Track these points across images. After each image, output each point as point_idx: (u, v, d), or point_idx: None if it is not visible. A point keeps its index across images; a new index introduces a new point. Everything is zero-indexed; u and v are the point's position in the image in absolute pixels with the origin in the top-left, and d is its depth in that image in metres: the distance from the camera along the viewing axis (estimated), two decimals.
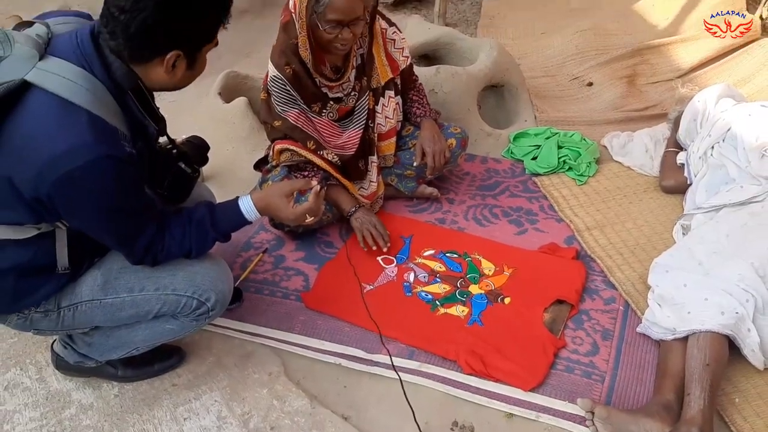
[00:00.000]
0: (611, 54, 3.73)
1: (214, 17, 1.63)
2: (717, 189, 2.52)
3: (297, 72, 2.34)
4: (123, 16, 1.51)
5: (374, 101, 2.54)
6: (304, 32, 2.25)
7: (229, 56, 3.93)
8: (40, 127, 1.49)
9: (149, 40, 1.56)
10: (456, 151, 2.67)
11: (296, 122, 2.40)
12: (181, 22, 1.56)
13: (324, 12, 2.18)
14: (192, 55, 1.64)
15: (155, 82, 1.67)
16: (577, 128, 3.19)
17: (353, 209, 2.50)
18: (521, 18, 4.37)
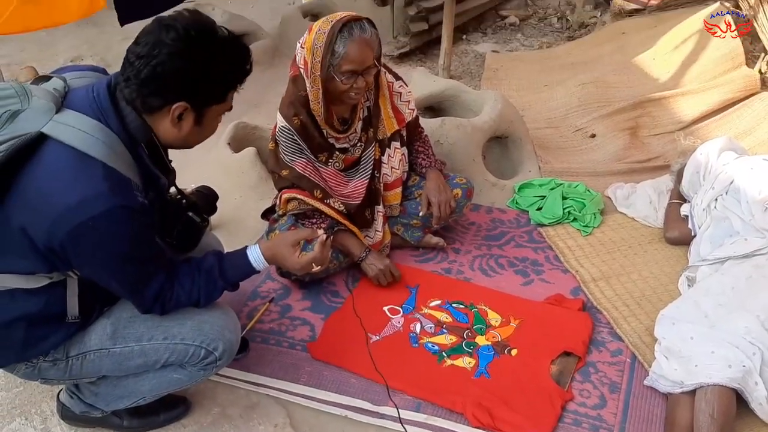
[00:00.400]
0: (613, 106, 3.79)
1: (226, 78, 1.68)
2: (721, 241, 2.54)
3: (305, 123, 2.40)
4: (138, 62, 1.57)
5: (380, 152, 2.58)
6: (317, 86, 2.31)
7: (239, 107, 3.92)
8: (55, 178, 1.53)
9: (158, 88, 1.60)
10: (461, 201, 2.70)
11: (303, 171, 2.43)
12: (191, 75, 1.60)
13: (339, 64, 2.25)
14: (200, 111, 1.68)
15: (164, 135, 1.71)
16: (581, 179, 3.22)
17: (364, 254, 2.53)
18: (524, 71, 4.45)
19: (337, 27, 2.23)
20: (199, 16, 1.63)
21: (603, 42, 4.58)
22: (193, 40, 1.57)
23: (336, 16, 2.27)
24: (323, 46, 2.25)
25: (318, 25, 2.29)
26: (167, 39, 1.55)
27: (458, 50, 4.88)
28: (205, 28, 1.61)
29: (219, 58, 1.62)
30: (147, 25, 1.61)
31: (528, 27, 5.33)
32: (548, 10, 5.55)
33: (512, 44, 5.07)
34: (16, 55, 4.42)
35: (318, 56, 2.26)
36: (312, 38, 2.27)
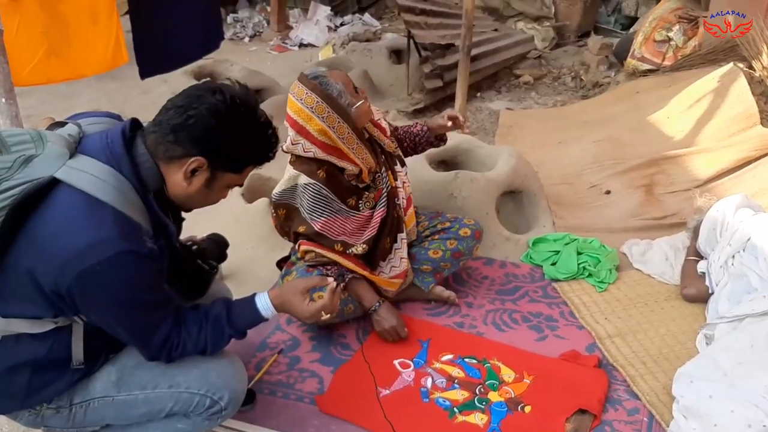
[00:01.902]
0: (628, 163, 3.79)
1: (251, 154, 1.71)
2: (739, 298, 2.49)
3: (330, 172, 2.38)
4: (174, 110, 1.62)
5: (393, 177, 2.58)
6: (352, 143, 2.35)
7: None
8: (65, 221, 1.53)
9: (185, 137, 1.62)
10: (471, 242, 2.69)
11: (322, 230, 2.41)
12: (220, 135, 1.63)
13: (351, 96, 2.31)
14: (214, 173, 1.69)
15: (172, 188, 1.71)
16: (596, 235, 3.19)
17: (376, 305, 2.49)
18: (538, 128, 4.48)
19: (315, 86, 2.26)
20: (247, 91, 1.71)
21: (617, 100, 4.61)
22: (234, 107, 1.62)
23: (300, 92, 2.28)
24: (329, 110, 2.27)
25: (301, 113, 2.28)
26: (211, 98, 1.61)
27: (472, 107, 4.94)
28: (249, 103, 1.68)
29: (252, 133, 1.67)
30: (196, 83, 1.65)
31: (542, 86, 5.39)
32: (562, 70, 5.62)
33: (526, 102, 5.12)
34: (37, 106, 4.52)
35: (335, 121, 2.28)
36: (315, 122, 2.28)
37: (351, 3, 6.96)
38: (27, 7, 3.28)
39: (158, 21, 4.02)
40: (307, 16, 6.64)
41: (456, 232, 2.71)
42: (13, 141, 1.63)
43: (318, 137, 2.30)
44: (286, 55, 6.20)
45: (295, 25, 6.59)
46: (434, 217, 2.79)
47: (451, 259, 2.70)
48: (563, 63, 5.74)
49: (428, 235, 2.73)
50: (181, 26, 4.20)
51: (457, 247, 2.69)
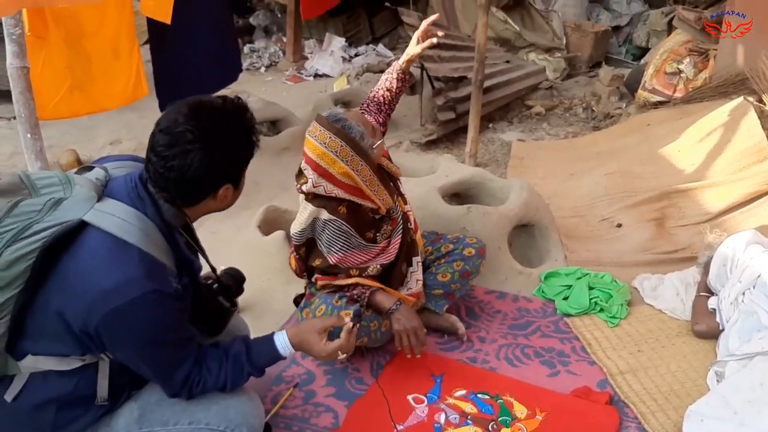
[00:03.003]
0: (640, 196, 3.82)
1: (248, 141, 1.78)
2: (749, 336, 2.51)
3: (350, 207, 2.41)
4: (172, 174, 1.65)
5: (403, 201, 2.64)
6: (374, 185, 2.38)
7: (270, 191, 4.10)
8: (93, 263, 1.60)
9: (200, 189, 1.71)
10: (476, 260, 2.74)
11: (337, 263, 2.45)
12: (225, 164, 1.70)
13: (371, 139, 2.35)
14: (238, 180, 1.80)
15: (205, 212, 1.80)
16: (608, 269, 3.22)
17: (395, 306, 2.47)
18: (549, 159, 4.52)
19: (337, 129, 2.28)
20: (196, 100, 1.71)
21: (628, 133, 4.66)
22: (205, 134, 1.64)
23: (323, 136, 2.29)
24: (352, 153, 2.30)
25: (325, 157, 2.29)
26: (185, 144, 1.63)
27: (485, 138, 5.00)
28: (210, 112, 1.68)
29: (233, 131, 1.71)
30: (159, 131, 1.67)
31: (554, 117, 5.45)
32: (574, 101, 5.68)
33: (538, 133, 5.18)
34: (59, 137, 4.62)
35: (358, 164, 2.31)
36: (340, 165, 2.29)
37: (365, 34, 7.07)
38: (52, 44, 3.39)
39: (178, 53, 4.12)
40: (322, 47, 6.75)
41: (461, 253, 2.75)
42: (42, 184, 1.71)
43: (342, 179, 2.33)
44: (301, 85, 6.30)
45: (310, 56, 6.71)
46: (436, 240, 2.83)
47: (460, 279, 2.74)
48: (575, 94, 5.80)
49: (434, 260, 2.77)
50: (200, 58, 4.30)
51: (464, 267, 2.73)
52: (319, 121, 2.33)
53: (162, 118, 1.69)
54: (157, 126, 1.68)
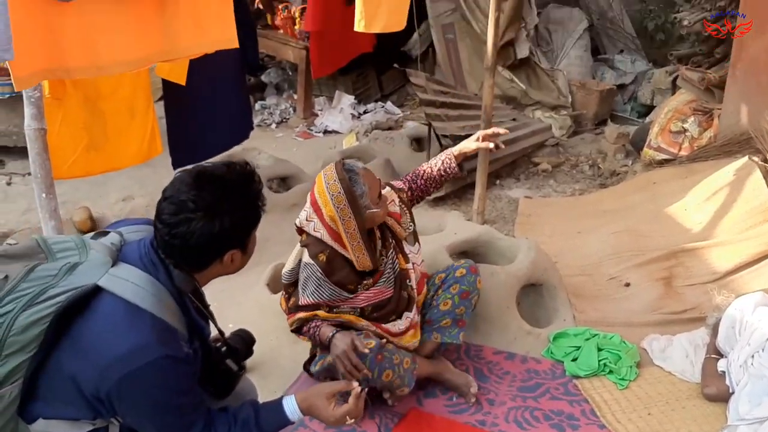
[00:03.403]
0: (647, 255, 3.84)
1: (253, 208, 1.82)
2: (760, 400, 2.49)
3: (330, 257, 2.52)
4: (176, 241, 1.70)
5: (405, 260, 2.68)
6: (357, 240, 2.45)
7: (278, 247, 4.12)
8: (106, 329, 1.63)
9: (205, 255, 1.75)
10: (470, 278, 2.80)
11: (305, 305, 2.57)
12: (228, 231, 1.74)
13: (370, 198, 2.45)
14: (245, 245, 1.82)
15: (214, 276, 1.83)
16: (617, 329, 3.22)
17: (331, 334, 2.50)
18: (557, 217, 4.55)
19: (345, 178, 2.42)
20: (199, 169, 1.77)
21: (635, 191, 4.69)
22: (207, 203, 1.70)
23: (330, 177, 2.44)
24: (346, 203, 2.41)
25: (322, 196, 2.44)
26: (188, 213, 1.69)
27: (492, 195, 5.04)
28: (212, 181, 1.74)
29: (237, 199, 1.75)
30: (164, 199, 1.73)
31: (560, 173, 5.50)
32: (580, 158, 5.73)
33: (545, 190, 5.22)
34: (71, 193, 4.69)
35: (347, 214, 2.42)
36: (330, 208, 2.42)
37: (374, 91, 7.19)
38: (70, 105, 3.48)
39: (191, 111, 4.22)
40: (331, 104, 6.86)
41: (453, 276, 2.82)
42: (59, 248, 1.75)
43: (328, 222, 2.45)
44: (311, 141, 6.40)
45: (320, 113, 6.82)
46: (429, 278, 2.88)
47: (462, 301, 2.78)
48: (581, 151, 5.86)
49: (432, 295, 2.83)
50: (213, 116, 4.40)
51: (461, 288, 2.78)
52: (335, 164, 2.48)
53: (167, 187, 1.75)
54: (162, 194, 1.74)
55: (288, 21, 6.55)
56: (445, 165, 2.81)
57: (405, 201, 2.79)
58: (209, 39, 2.43)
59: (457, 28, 6.64)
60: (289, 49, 6.66)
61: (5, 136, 5.29)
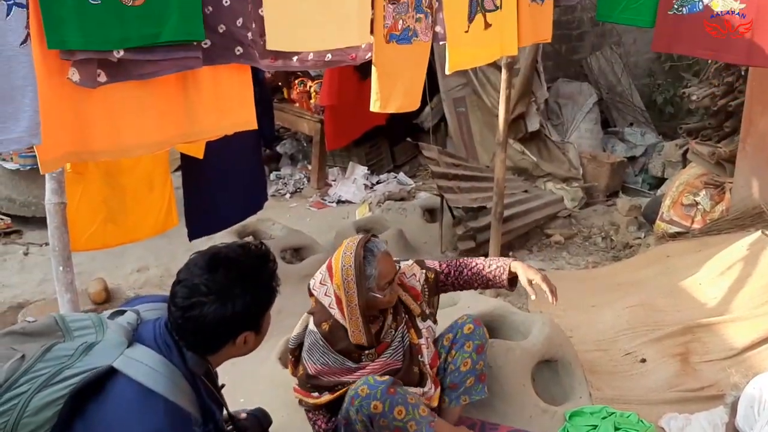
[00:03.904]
0: (663, 330, 3.80)
1: (266, 290, 1.82)
2: None
3: (333, 327, 2.57)
4: (189, 324, 1.73)
5: (417, 335, 2.68)
6: (356, 315, 2.49)
7: (291, 320, 4.07)
8: (119, 413, 1.64)
9: (217, 339, 1.77)
10: (479, 331, 2.82)
11: (315, 374, 2.59)
12: (240, 314, 1.75)
13: (377, 283, 2.47)
14: (258, 326, 1.83)
15: (227, 358, 1.83)
16: (634, 408, 3.16)
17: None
18: (571, 290, 4.53)
19: (360, 254, 2.46)
20: (213, 252, 1.80)
21: (648, 264, 4.68)
22: (219, 286, 1.73)
23: (350, 247, 2.50)
24: (353, 278, 2.44)
25: (338, 263, 2.48)
26: (200, 296, 1.72)
27: None
28: (225, 263, 1.77)
29: (249, 282, 1.78)
30: (177, 282, 1.76)
31: (573, 245, 5.51)
32: (592, 230, 5.75)
33: (558, 262, 5.22)
34: (87, 264, 4.73)
35: (351, 289, 2.45)
36: (339, 278, 2.46)
37: (387, 162, 7.30)
38: (90, 179, 3.55)
39: (208, 184, 4.28)
40: (345, 175, 6.96)
41: (463, 334, 2.80)
42: (76, 326, 1.77)
43: (335, 290, 2.50)
44: (324, 211, 6.46)
45: (333, 183, 6.91)
46: (435, 341, 2.85)
47: (479, 356, 2.80)
48: (593, 222, 5.88)
49: (445, 358, 2.81)
50: (229, 189, 4.46)
51: (475, 344, 2.79)
52: (361, 239, 2.54)
53: (181, 269, 1.78)
54: (176, 277, 1.77)
55: (304, 95, 6.72)
56: (498, 272, 2.75)
57: (431, 282, 2.78)
58: (229, 121, 2.50)
59: (468, 102, 6.79)
60: (304, 121, 6.81)
61: (24, 206, 5.39)
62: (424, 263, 2.82)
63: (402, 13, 2.86)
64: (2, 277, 4.78)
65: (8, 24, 1.78)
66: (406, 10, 2.87)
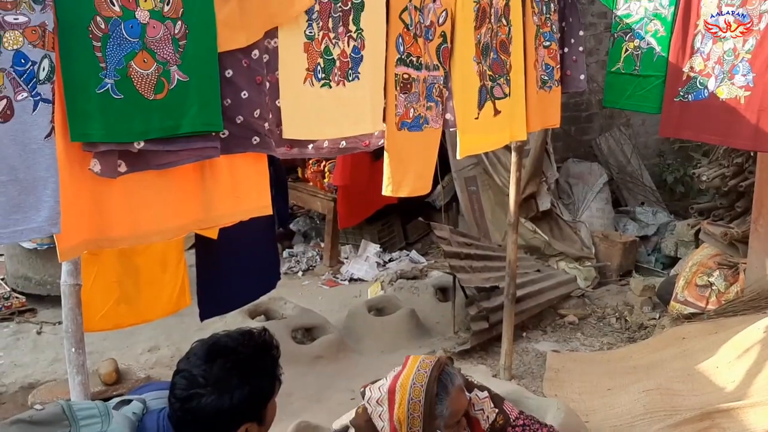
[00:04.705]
0: (681, 416, 3.71)
1: (268, 380, 1.80)
2: None
3: None
4: (188, 416, 1.71)
5: None
6: None
7: (301, 402, 4.08)
8: None
9: (217, 430, 1.73)
10: None
11: None
12: (239, 406, 1.73)
13: (446, 423, 2.31)
14: (260, 417, 1.79)
15: None
16: None
17: None
18: (586, 373, 4.47)
19: (433, 391, 2.28)
20: (212, 341, 1.79)
21: (664, 346, 4.62)
22: (217, 378, 1.70)
23: (421, 378, 2.30)
24: (420, 416, 2.28)
25: (405, 393, 2.29)
26: (198, 388, 1.70)
27: (519, 348, 4.98)
28: (224, 354, 1.74)
29: (249, 372, 1.75)
30: (177, 372, 1.76)
31: (587, 326, 5.45)
32: (606, 310, 5.70)
33: (572, 343, 5.16)
34: (98, 343, 4.73)
35: (417, 426, 2.29)
36: (403, 411, 2.29)
37: (399, 239, 7.34)
38: (105, 260, 3.59)
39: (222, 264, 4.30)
40: (357, 252, 7.00)
41: None
42: (83, 415, 1.77)
43: (395, 420, 2.33)
44: (336, 289, 6.46)
45: (346, 261, 6.93)
46: None
47: None
48: (607, 302, 5.83)
49: None
50: (243, 269, 4.48)
51: None
52: (435, 367, 2.34)
53: (182, 359, 1.78)
54: (177, 367, 1.76)
55: (318, 175, 6.85)
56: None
57: (497, 429, 2.58)
58: (244, 207, 2.54)
59: (480, 181, 6.87)
60: (318, 200, 6.91)
61: (40, 285, 5.44)
62: (500, 401, 2.65)
63: (413, 102, 2.95)
64: (15, 357, 4.78)
65: (34, 118, 1.85)
66: (417, 99, 2.96)
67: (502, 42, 3.32)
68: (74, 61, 1.94)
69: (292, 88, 2.53)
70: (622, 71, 3.84)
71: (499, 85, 3.35)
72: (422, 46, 2.95)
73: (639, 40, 3.72)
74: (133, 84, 2.04)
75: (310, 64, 2.57)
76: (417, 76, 2.95)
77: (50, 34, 1.86)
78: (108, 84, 1.99)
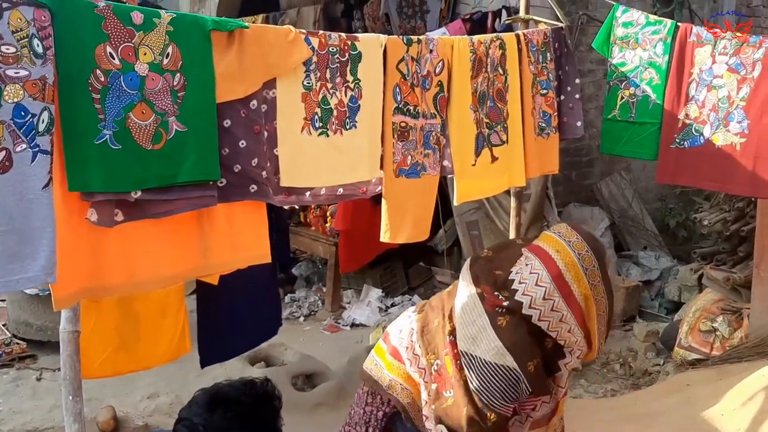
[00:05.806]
0: None
1: (268, 431, 1.80)
2: None
3: (538, 367, 2.21)
4: None
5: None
6: (603, 308, 2.16)
7: None
8: None
9: None
10: None
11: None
12: None
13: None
14: None
15: None
16: None
17: None
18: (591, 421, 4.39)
19: (591, 237, 2.17)
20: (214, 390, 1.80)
21: (669, 393, 4.57)
22: (217, 429, 1.71)
23: (578, 246, 2.11)
24: (599, 273, 2.08)
25: (573, 269, 2.08)
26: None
27: None
28: (225, 403, 1.75)
29: (250, 422, 1.75)
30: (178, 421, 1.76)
31: (591, 372, 5.39)
32: (610, 356, 5.64)
33: (576, 390, 5.09)
34: (97, 390, 4.69)
35: (600, 293, 2.11)
36: (585, 285, 2.07)
37: (401, 284, 7.33)
38: (104, 307, 3.58)
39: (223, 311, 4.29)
40: (359, 297, 6.98)
41: None
42: None
43: (580, 303, 2.08)
44: (338, 335, 6.43)
45: (347, 306, 6.91)
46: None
47: None
48: (611, 348, 5.77)
49: None
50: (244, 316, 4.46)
51: None
52: (572, 226, 2.16)
53: (184, 408, 1.79)
54: (179, 415, 1.76)
55: (320, 219, 6.87)
56: None
57: None
58: (243, 255, 2.56)
59: (481, 225, 6.88)
60: (319, 244, 6.92)
61: (41, 331, 5.43)
62: None
63: (411, 150, 2.98)
64: (14, 403, 4.75)
65: (32, 169, 1.87)
66: (415, 146, 3.00)
67: (498, 90, 3.37)
68: (74, 113, 1.97)
69: (290, 137, 2.57)
70: (619, 118, 3.88)
71: (497, 133, 3.39)
72: (419, 96, 3.00)
73: (634, 87, 3.77)
74: (132, 135, 2.08)
75: (308, 113, 2.61)
76: (414, 124, 2.99)
77: (50, 87, 1.90)
78: (107, 135, 2.03)
